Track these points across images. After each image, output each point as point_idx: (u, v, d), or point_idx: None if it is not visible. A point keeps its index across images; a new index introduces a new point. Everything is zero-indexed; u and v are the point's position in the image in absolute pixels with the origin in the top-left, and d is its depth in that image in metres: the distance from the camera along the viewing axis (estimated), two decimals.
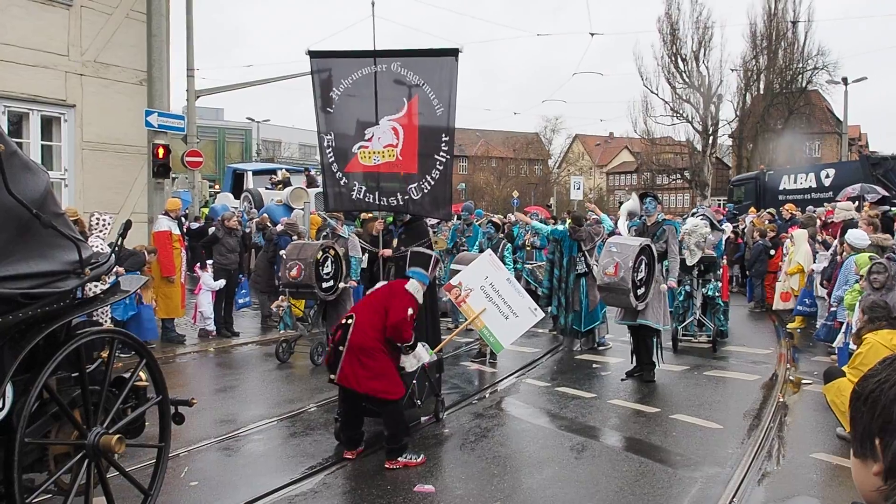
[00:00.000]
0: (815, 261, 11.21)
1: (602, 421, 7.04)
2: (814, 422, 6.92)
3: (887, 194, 17.17)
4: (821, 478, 5.58)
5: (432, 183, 6.93)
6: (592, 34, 37.06)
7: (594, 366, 9.49)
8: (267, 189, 21.21)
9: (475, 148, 62.37)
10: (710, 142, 42.85)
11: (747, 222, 16.99)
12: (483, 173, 58.12)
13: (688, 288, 10.46)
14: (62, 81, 10.78)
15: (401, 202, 7.10)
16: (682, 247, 9.66)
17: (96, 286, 5.90)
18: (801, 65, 41.81)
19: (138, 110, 11.51)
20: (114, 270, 4.87)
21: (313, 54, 7.34)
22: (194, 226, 16.97)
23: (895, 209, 14.53)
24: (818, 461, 5.80)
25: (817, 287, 10.66)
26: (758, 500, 5.14)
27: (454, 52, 6.80)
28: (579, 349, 10.36)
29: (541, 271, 12.58)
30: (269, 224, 13.89)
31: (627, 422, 7.02)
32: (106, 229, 8.87)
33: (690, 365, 9.33)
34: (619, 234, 9.74)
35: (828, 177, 22.12)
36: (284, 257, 9.51)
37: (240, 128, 49.58)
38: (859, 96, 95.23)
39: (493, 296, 6.73)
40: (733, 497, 5.06)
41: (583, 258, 10.21)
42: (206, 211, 20.89)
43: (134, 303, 9.48)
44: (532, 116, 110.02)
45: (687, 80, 41.97)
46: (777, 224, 15.45)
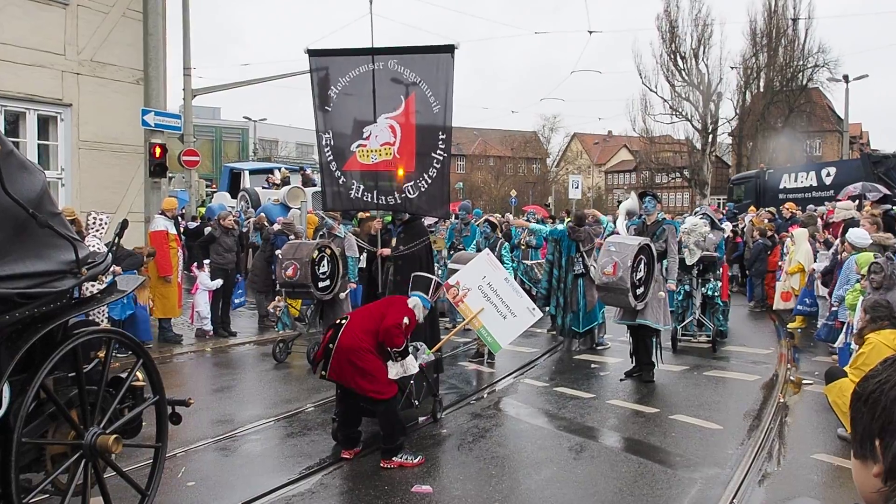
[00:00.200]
0: (815, 260, 11.16)
1: (601, 421, 7.01)
2: (815, 422, 6.90)
3: (889, 193, 17.03)
4: (822, 479, 5.56)
5: (429, 182, 6.92)
6: (591, 32, 37.57)
7: (593, 366, 9.46)
8: (264, 188, 21.20)
9: (473, 147, 62.30)
10: (710, 140, 42.55)
11: (746, 221, 16.93)
12: (481, 172, 58.12)
13: (687, 287, 10.42)
14: (59, 80, 10.74)
15: (398, 201, 7.09)
16: (682, 246, 9.63)
17: (93, 286, 5.90)
18: (801, 62, 41.38)
19: (135, 109, 11.46)
20: (111, 270, 4.85)
21: (312, 53, 7.33)
22: (191, 225, 16.98)
23: None
24: (819, 462, 5.78)
25: (818, 286, 10.61)
26: (758, 501, 5.12)
27: (450, 49, 6.81)
28: (578, 349, 10.34)
29: (539, 269, 12.54)
30: (266, 223, 13.85)
31: (626, 422, 7.00)
32: (103, 229, 8.85)
33: (690, 365, 9.31)
34: (617, 233, 9.71)
35: (829, 175, 21.98)
36: (280, 257, 9.48)
37: (237, 127, 49.52)
38: (861, 94, 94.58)
39: (491, 295, 6.69)
40: (733, 498, 5.03)
41: (581, 258, 10.19)
42: (202, 210, 20.88)
43: (132, 302, 9.44)
44: (530, 115, 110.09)
45: (686, 77, 41.68)
46: (777, 223, 15.40)
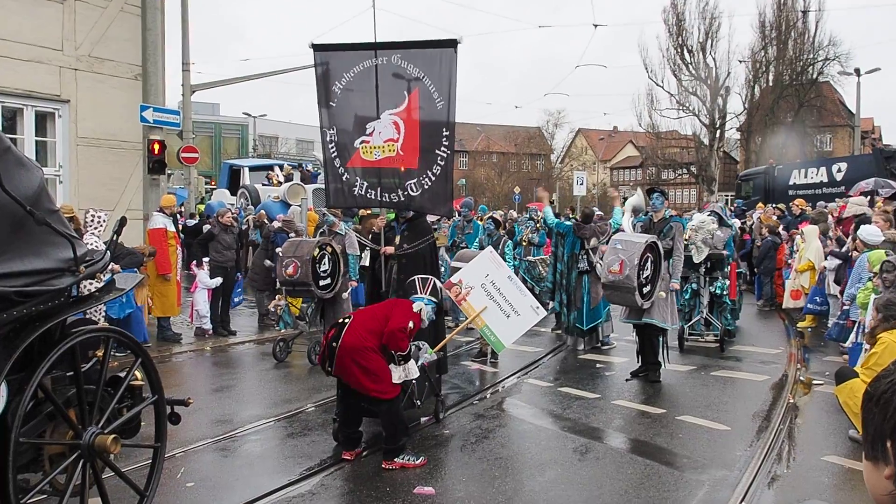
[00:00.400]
0: (825, 258, 10.98)
1: (606, 422, 6.92)
2: (825, 423, 6.80)
3: None
4: (832, 481, 5.47)
5: (433, 179, 6.86)
6: (596, 26, 37.09)
7: (598, 366, 9.38)
8: (264, 185, 21.09)
9: (476, 143, 62.01)
10: (718, 135, 41.78)
11: (755, 218, 16.74)
12: (484, 168, 57.69)
13: (694, 286, 10.30)
14: (56, 76, 10.65)
15: (401, 198, 7.02)
16: (689, 243, 9.53)
17: (91, 284, 5.82)
18: (811, 55, 40.31)
19: (133, 105, 11.38)
20: (109, 268, 4.80)
21: (317, 48, 7.25)
22: (190, 223, 16.88)
23: None
24: (830, 464, 5.69)
25: (829, 285, 10.46)
26: None
27: (453, 44, 6.74)
28: (583, 348, 10.25)
29: (543, 265, 12.44)
30: (265, 221, 13.76)
31: (632, 423, 6.91)
32: (101, 226, 8.79)
33: (697, 365, 9.21)
34: (623, 230, 9.62)
35: (839, 171, 21.75)
36: (281, 255, 9.39)
37: (236, 123, 49.32)
38: (872, 88, 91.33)
39: (494, 294, 6.60)
40: (742, 501, 4.95)
41: (585, 255, 10.11)
42: (202, 208, 20.77)
43: (131, 301, 9.35)
44: (534, 110, 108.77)
45: (693, 72, 40.90)
46: (787, 220, 15.24)
